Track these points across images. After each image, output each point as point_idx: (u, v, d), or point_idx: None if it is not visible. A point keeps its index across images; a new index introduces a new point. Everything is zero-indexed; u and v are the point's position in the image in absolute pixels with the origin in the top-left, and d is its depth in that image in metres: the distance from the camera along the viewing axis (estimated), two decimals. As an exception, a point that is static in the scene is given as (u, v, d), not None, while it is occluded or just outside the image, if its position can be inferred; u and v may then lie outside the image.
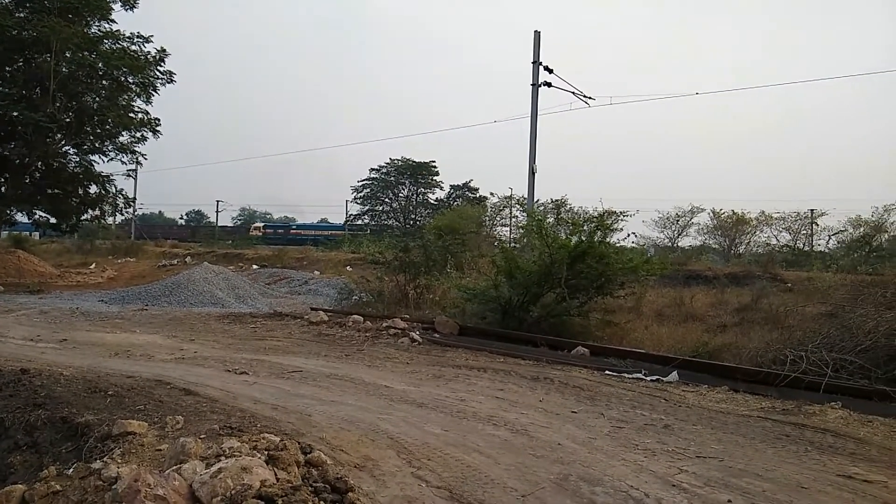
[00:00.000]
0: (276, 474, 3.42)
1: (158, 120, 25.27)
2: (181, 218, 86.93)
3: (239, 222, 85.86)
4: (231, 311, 16.42)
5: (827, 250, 38.33)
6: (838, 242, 39.82)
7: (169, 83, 24.96)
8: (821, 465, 4.82)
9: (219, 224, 71.63)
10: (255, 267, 29.15)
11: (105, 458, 4.05)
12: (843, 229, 40.72)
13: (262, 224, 67.83)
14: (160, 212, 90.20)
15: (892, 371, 7.77)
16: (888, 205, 42.45)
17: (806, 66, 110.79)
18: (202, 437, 4.37)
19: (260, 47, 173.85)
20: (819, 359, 8.09)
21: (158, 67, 24.35)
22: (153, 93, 24.74)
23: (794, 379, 7.75)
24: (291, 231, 59.64)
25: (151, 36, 24.00)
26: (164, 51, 24.32)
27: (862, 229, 38.59)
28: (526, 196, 21.53)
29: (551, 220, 22.55)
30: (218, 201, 73.89)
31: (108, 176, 25.86)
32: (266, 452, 3.64)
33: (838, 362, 8.02)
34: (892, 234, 41.32)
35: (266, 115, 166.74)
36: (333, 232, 55.70)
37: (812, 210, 42.29)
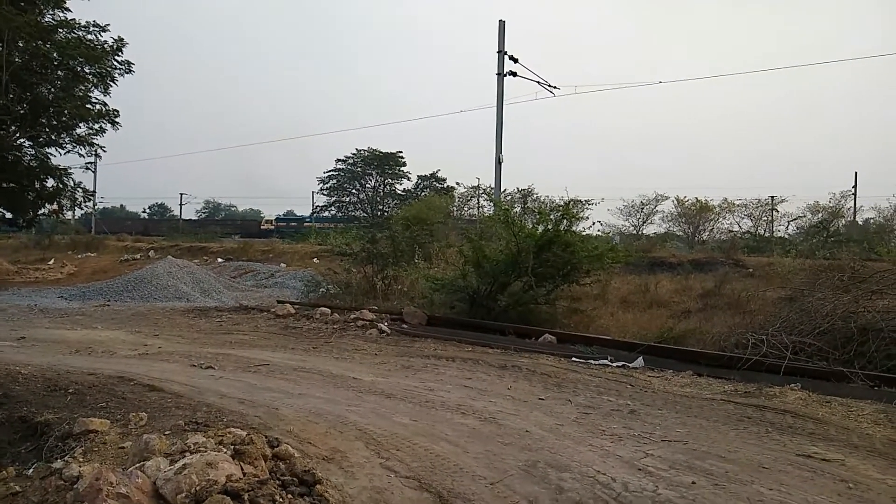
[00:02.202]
0: (242, 469, 3.39)
1: (117, 111, 24.62)
2: (144, 211, 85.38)
3: (203, 215, 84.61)
4: (196, 305, 16.21)
5: (787, 236, 39.24)
6: (797, 228, 40.81)
7: (127, 73, 24.33)
8: (781, 446, 4.94)
9: (183, 217, 70.48)
10: (220, 260, 28.72)
11: (66, 458, 3.97)
12: (801, 215, 41.77)
13: (275, 217, 65.87)
14: (122, 205, 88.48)
15: (848, 353, 8.00)
16: (844, 191, 43.64)
17: (770, 57, 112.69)
18: (167, 433, 4.31)
19: (223, 40, 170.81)
20: (779, 342, 8.29)
21: (116, 57, 23.70)
22: (111, 83, 24.10)
23: (756, 362, 7.94)
24: (305, 224, 58.83)
25: (108, 25, 23.34)
26: (121, 40, 23.69)
27: (820, 215, 39.61)
28: (493, 186, 21.61)
29: (518, 209, 22.69)
30: (182, 194, 72.72)
31: (65, 169, 25.14)
32: (232, 447, 3.60)
33: (797, 345, 8.23)
34: (848, 219, 42.48)
35: (230, 108, 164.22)
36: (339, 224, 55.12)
37: (772, 197, 43.19)
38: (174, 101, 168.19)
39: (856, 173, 50.30)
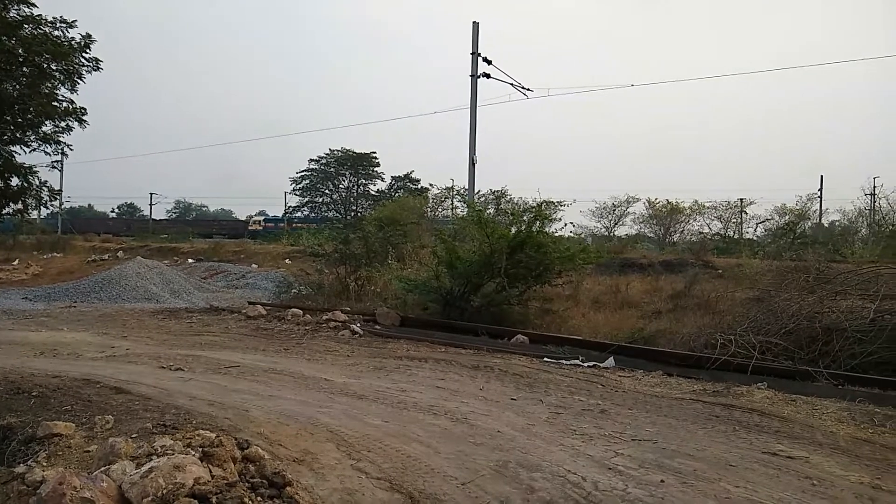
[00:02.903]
0: (211, 471, 3.35)
1: (85, 109, 24.12)
2: (112, 211, 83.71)
3: (174, 215, 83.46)
4: (165, 306, 15.99)
5: (755, 238, 39.89)
6: (765, 230, 41.51)
7: (95, 70, 23.87)
8: (748, 444, 5.02)
9: (153, 217, 69.39)
10: (190, 261, 28.36)
11: (29, 462, 3.89)
12: (769, 217, 42.49)
13: (263, 218, 63.82)
14: (90, 205, 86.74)
15: (813, 352, 8.16)
16: (811, 194, 44.54)
17: (741, 61, 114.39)
18: (133, 436, 4.24)
19: (196, 39, 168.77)
20: (747, 342, 8.42)
21: (84, 54, 23.24)
22: (78, 81, 23.63)
23: (724, 362, 8.06)
24: (294, 225, 58.14)
25: (75, 21, 22.89)
26: (89, 37, 23.16)
27: (787, 217, 40.33)
28: (467, 187, 21.65)
29: (492, 210, 22.75)
30: (152, 194, 71.60)
31: (30, 167, 24.59)
32: (201, 449, 3.55)
33: (764, 345, 8.37)
34: (814, 221, 43.35)
35: (201, 107, 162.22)
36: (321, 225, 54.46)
37: (741, 199, 43.93)
38: (144, 100, 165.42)
39: (821, 176, 51.40)
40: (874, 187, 40.87)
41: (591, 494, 3.77)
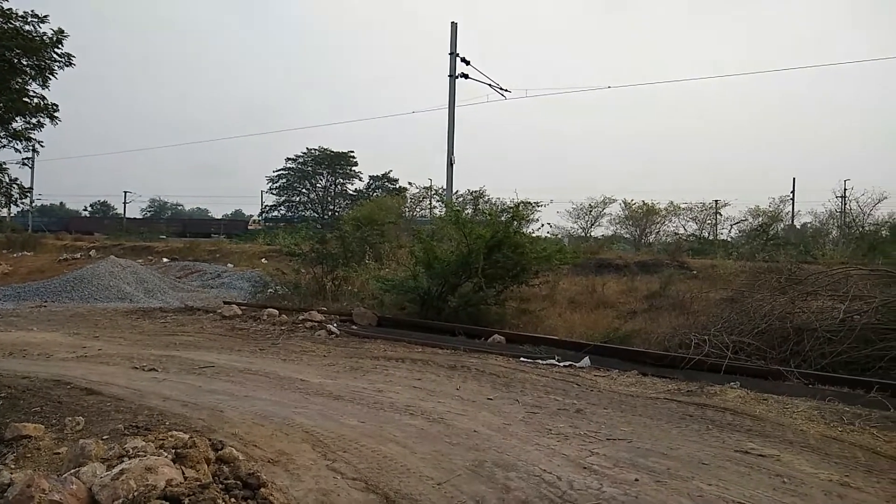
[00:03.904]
0: (184, 473, 3.31)
1: (56, 105, 23.74)
2: (85, 209, 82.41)
3: (149, 214, 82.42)
4: (139, 305, 15.79)
5: (729, 239, 40.39)
6: (739, 231, 42.07)
7: (68, 66, 23.51)
8: (720, 442, 5.09)
9: (127, 215, 68.47)
10: (165, 260, 28.06)
11: (-3, 464, 3.82)
12: (743, 219, 43.07)
13: (263, 218, 63.09)
14: (62, 203, 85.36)
15: (785, 352, 8.28)
16: (784, 196, 45.28)
17: (716, 64, 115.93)
18: (105, 437, 4.19)
19: (167, 38, 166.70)
20: (720, 342, 8.52)
21: (56, 49, 22.88)
22: (50, 76, 23.25)
23: (698, 361, 8.14)
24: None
25: (47, 16, 22.53)
26: (62, 32, 22.78)
27: (760, 219, 40.91)
28: (445, 187, 21.66)
29: (470, 211, 22.79)
30: (126, 192, 70.71)
31: (0, 164, 24.15)
32: (173, 451, 3.51)
33: (737, 344, 8.47)
34: (787, 223, 44.04)
35: (177, 104, 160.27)
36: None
37: (716, 201, 44.45)
38: (117, 97, 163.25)
39: (794, 179, 52.33)
40: (845, 190, 41.64)
41: (566, 493, 3.79)
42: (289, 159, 62.03)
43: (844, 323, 8.33)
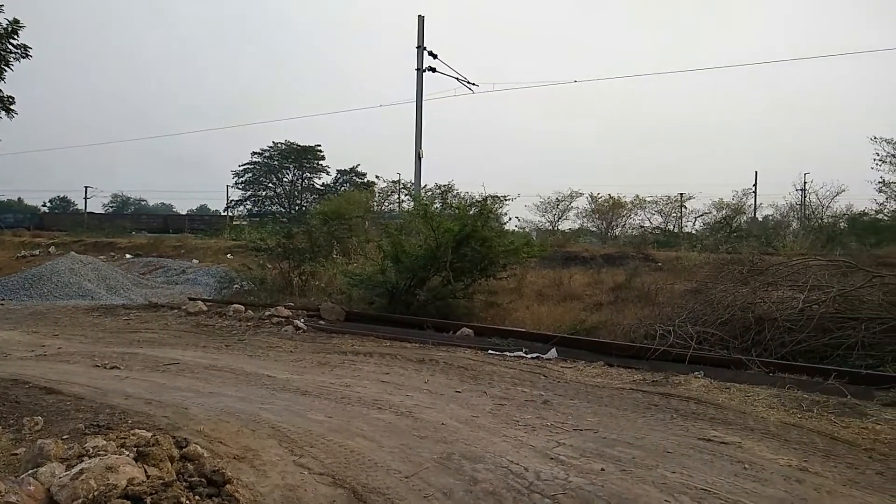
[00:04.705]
0: (146, 471, 3.25)
1: (12, 98, 23.13)
2: (44, 205, 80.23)
3: (111, 209, 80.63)
4: (101, 303, 15.46)
5: (694, 231, 41.12)
6: (703, 224, 42.80)
7: (24, 58, 22.86)
8: (684, 431, 5.17)
9: (88, 211, 66.94)
10: (128, 256, 27.53)
11: (-49, 467, 3.71)
12: (707, 212, 43.84)
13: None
14: (19, 198, 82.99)
15: (747, 341, 8.46)
16: (746, 189, 46.18)
17: (684, 57, 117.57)
18: (65, 437, 4.10)
19: (132, 28, 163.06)
20: (685, 332, 8.66)
21: (11, 41, 22.23)
22: (6, 68, 22.59)
23: (663, 352, 8.27)
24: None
25: (2, 6, 21.88)
26: (17, 22, 22.21)
27: (724, 211, 41.68)
28: (413, 181, 21.65)
29: (438, 205, 22.80)
30: (87, 187, 69.19)
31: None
32: (135, 449, 3.45)
33: (701, 335, 8.62)
34: (749, 216, 44.95)
35: (140, 96, 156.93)
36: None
37: (681, 194, 45.15)
38: (78, 90, 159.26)
39: (756, 172, 53.33)
40: (804, 183, 42.69)
41: (532, 484, 3.81)
42: (254, 153, 61.15)
43: (803, 312, 8.54)
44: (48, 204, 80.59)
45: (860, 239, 24.50)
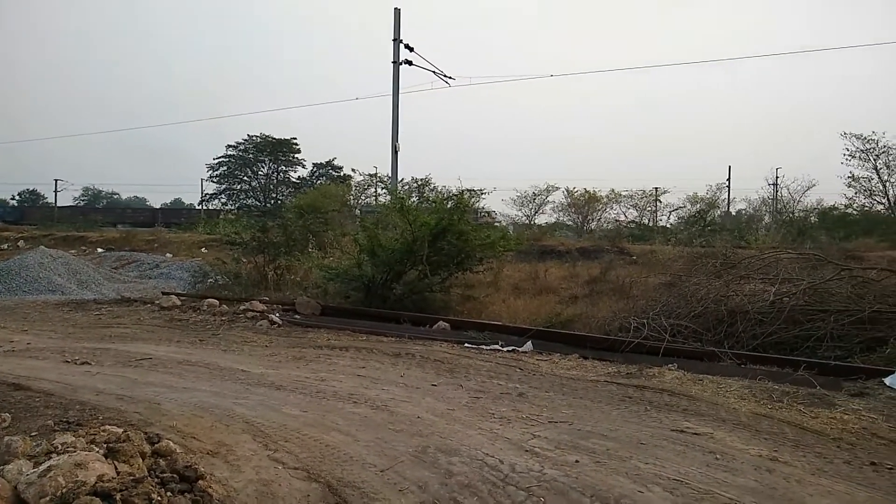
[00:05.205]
0: (116, 468, 3.21)
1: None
2: (13, 198, 78.50)
3: (82, 202, 79.20)
4: (72, 297, 15.19)
5: (668, 225, 41.64)
6: (678, 218, 43.34)
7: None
8: (658, 422, 5.23)
9: (58, 205, 65.72)
10: (100, 250, 27.09)
11: (-86, 465, 3.62)
12: (682, 206, 44.40)
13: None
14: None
15: (719, 334, 8.56)
16: (720, 183, 46.77)
17: (653, 54, 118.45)
18: (33, 434, 4.02)
19: (101, 19, 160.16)
20: (659, 325, 8.74)
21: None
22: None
23: (638, 344, 8.33)
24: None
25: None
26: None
27: (698, 205, 42.22)
28: (390, 174, 21.57)
29: (415, 199, 22.78)
30: (56, 180, 67.89)
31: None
32: (105, 446, 3.39)
33: (675, 327, 8.71)
34: (723, 210, 45.57)
35: (111, 89, 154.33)
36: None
37: (656, 188, 45.63)
38: (49, 79, 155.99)
39: (729, 167, 54.15)
40: (776, 178, 43.32)
41: (507, 477, 3.83)
42: (229, 146, 60.51)
43: (774, 305, 8.68)
44: (17, 197, 78.96)
45: (830, 233, 25.02)
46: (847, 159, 33.89)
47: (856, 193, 34.59)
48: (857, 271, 9.67)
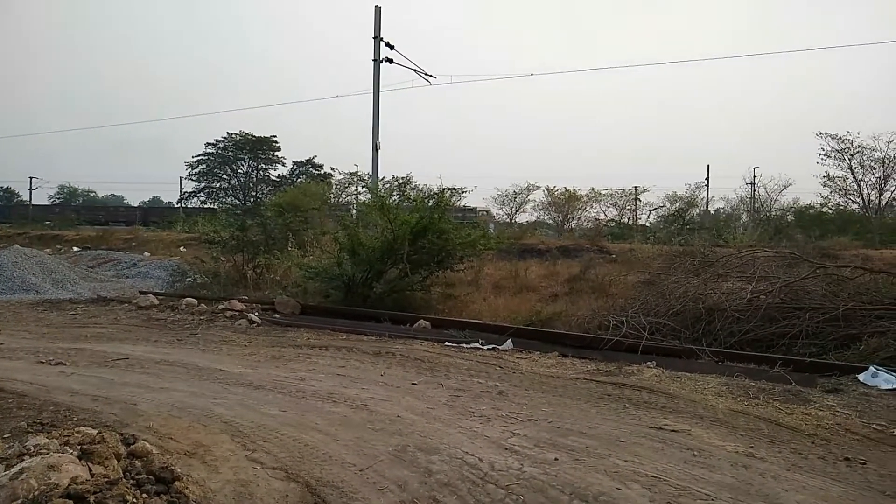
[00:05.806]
0: (91, 470, 3.16)
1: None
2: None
3: (58, 200, 78.03)
4: (47, 297, 14.96)
5: (648, 224, 41.97)
6: (658, 217, 43.70)
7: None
8: (636, 420, 5.26)
9: (33, 203, 64.69)
10: (76, 249, 26.72)
11: None
12: (661, 205, 44.76)
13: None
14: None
15: (697, 331, 8.64)
16: (699, 182, 47.24)
17: (636, 54, 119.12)
18: (6, 436, 3.97)
19: (82, 18, 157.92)
20: (638, 323, 8.80)
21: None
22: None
23: (617, 342, 8.39)
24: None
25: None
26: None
27: (677, 204, 42.60)
28: (371, 173, 21.51)
29: (396, 197, 22.74)
30: (31, 178, 66.87)
31: None
32: (79, 447, 3.34)
33: (654, 325, 8.77)
34: (701, 209, 46.02)
35: (91, 86, 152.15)
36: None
37: (636, 187, 45.93)
38: (22, 77, 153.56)
39: (708, 166, 54.73)
40: (754, 177, 43.84)
41: (487, 475, 3.84)
42: (208, 144, 59.86)
43: (751, 303, 8.77)
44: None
45: (806, 231, 25.35)
46: (822, 159, 34.37)
47: (831, 193, 35.11)
48: (832, 269, 9.80)
